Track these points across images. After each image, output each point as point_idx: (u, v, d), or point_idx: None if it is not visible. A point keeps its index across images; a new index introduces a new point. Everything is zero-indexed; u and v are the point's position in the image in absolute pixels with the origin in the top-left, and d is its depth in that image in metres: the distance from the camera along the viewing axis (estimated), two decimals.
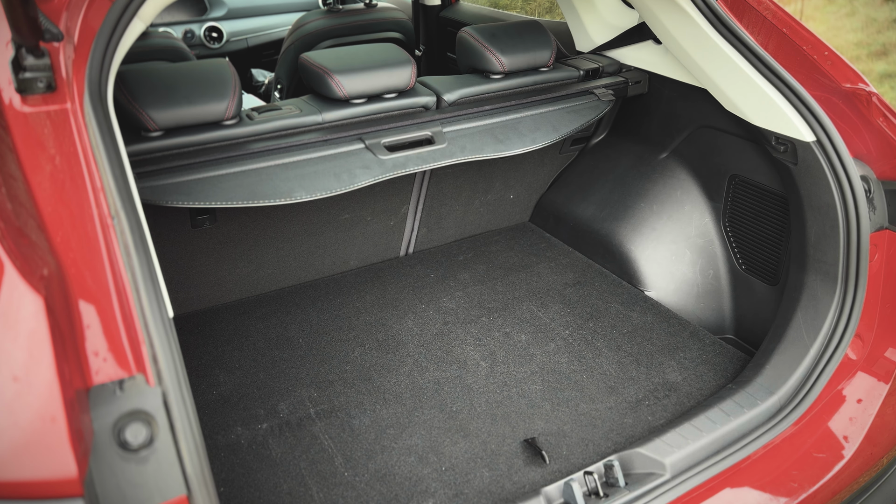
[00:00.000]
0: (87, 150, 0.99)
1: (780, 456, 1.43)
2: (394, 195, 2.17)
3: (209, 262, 2.01)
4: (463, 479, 1.48)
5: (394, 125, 1.88)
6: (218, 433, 1.62)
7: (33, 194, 0.94)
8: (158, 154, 1.60)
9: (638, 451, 1.39)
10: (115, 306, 0.90)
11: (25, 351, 0.76)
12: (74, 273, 0.90)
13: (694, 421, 1.48)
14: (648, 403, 1.70)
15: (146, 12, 1.19)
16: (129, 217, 0.96)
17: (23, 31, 0.90)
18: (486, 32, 2.07)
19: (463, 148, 1.89)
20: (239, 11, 3.74)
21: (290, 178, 1.68)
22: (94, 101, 1.02)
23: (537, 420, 1.65)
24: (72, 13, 1.11)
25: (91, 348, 0.87)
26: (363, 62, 1.88)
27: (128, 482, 0.82)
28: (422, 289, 2.20)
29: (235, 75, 1.68)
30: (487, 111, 2.00)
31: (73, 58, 1.05)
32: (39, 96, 1.01)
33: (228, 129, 1.67)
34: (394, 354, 1.89)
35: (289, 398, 1.73)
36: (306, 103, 1.87)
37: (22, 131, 0.98)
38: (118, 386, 0.85)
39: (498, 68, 2.03)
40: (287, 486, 1.47)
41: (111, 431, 0.83)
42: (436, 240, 2.45)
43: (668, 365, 1.83)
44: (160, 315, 0.92)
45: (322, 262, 2.24)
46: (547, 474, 1.50)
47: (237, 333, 2.00)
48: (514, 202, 2.54)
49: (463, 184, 2.31)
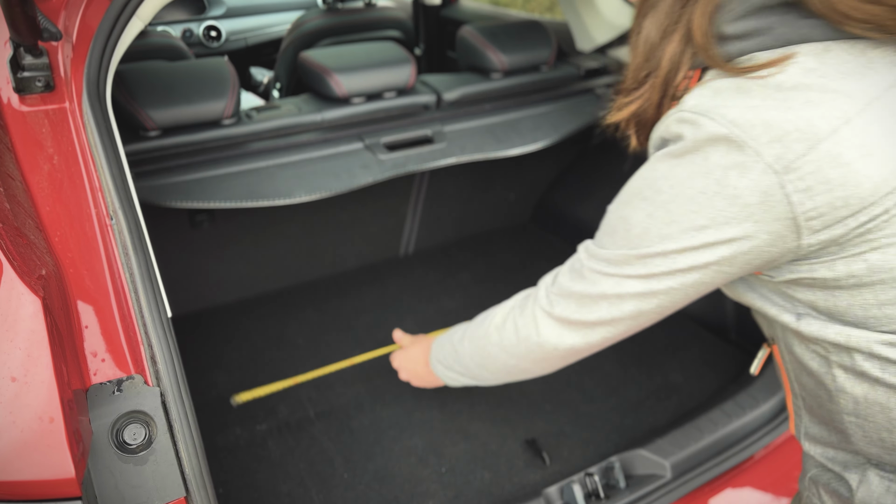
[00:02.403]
0: (85, 150, 0.98)
1: (783, 457, 1.42)
2: (393, 195, 2.17)
3: (208, 262, 2.00)
4: (463, 480, 1.48)
5: (393, 124, 1.87)
6: (217, 434, 1.62)
7: (31, 194, 0.94)
8: (157, 153, 1.59)
9: (639, 452, 1.39)
10: (114, 306, 0.89)
11: (23, 351, 0.76)
12: (73, 273, 0.89)
13: (695, 422, 1.47)
14: (649, 404, 1.69)
15: (145, 11, 1.19)
16: (128, 217, 0.95)
17: (21, 30, 0.90)
18: (486, 31, 2.06)
19: (463, 147, 1.89)
20: (238, 10, 3.73)
21: (289, 177, 1.68)
22: (92, 100, 1.02)
23: (538, 421, 1.64)
24: (70, 12, 1.11)
25: (89, 349, 0.86)
26: (363, 61, 1.87)
27: (126, 483, 0.82)
28: (421, 289, 2.19)
29: (234, 74, 1.67)
30: (488, 110, 1.99)
31: (71, 57, 1.05)
32: (38, 95, 1.01)
33: (227, 129, 1.67)
34: None
35: (288, 399, 1.73)
36: (305, 102, 1.86)
37: (20, 130, 0.98)
38: (116, 386, 0.85)
39: (498, 67, 2.02)
40: (286, 488, 1.47)
41: (109, 432, 0.82)
42: (436, 240, 2.44)
43: (670, 366, 1.83)
44: (159, 315, 0.92)
45: (321, 262, 2.23)
46: (547, 475, 1.49)
47: (236, 334, 1.99)
48: (514, 202, 2.53)
49: (463, 183, 2.30)
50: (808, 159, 0.67)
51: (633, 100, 0.86)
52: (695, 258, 0.78)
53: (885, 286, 0.72)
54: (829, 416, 0.85)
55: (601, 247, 0.88)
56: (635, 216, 0.81)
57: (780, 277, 0.80)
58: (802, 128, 0.67)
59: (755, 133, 0.69)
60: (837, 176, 0.67)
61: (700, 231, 0.75)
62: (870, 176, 0.67)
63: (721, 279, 0.81)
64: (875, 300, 0.73)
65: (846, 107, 0.67)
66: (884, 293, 0.72)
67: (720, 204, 0.73)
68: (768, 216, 0.71)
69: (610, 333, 0.93)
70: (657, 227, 0.79)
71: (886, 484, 0.81)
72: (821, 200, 0.69)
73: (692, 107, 0.74)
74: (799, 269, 0.77)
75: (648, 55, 0.82)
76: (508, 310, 1.09)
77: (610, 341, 0.95)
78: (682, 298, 0.84)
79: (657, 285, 0.82)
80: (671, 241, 0.78)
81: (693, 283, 0.81)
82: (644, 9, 0.83)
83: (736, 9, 0.73)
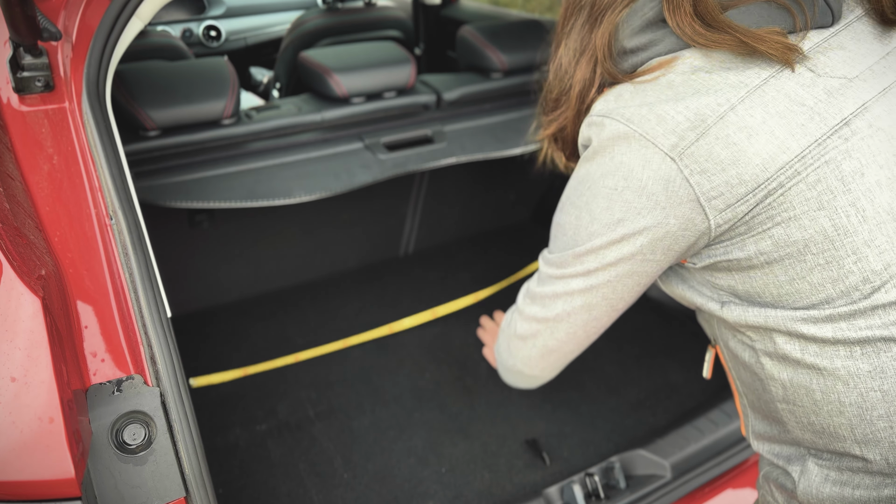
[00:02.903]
0: (84, 150, 0.98)
1: None
2: (393, 195, 2.17)
3: (207, 262, 2.00)
4: (463, 480, 1.48)
5: (393, 124, 1.87)
6: (216, 434, 1.62)
7: (31, 194, 0.93)
8: (156, 153, 1.59)
9: (639, 452, 1.39)
10: (113, 306, 0.89)
11: (23, 351, 0.76)
12: (72, 273, 0.89)
13: (695, 422, 1.47)
14: (650, 404, 1.69)
15: (144, 11, 1.18)
16: (127, 217, 0.95)
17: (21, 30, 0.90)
18: (486, 31, 2.06)
19: (463, 147, 1.89)
20: (238, 10, 3.73)
21: (289, 177, 1.68)
22: (92, 100, 1.02)
23: (538, 421, 1.64)
24: (70, 12, 1.10)
25: (89, 349, 0.86)
26: (363, 61, 1.87)
27: (126, 483, 0.82)
28: (421, 289, 2.19)
29: (234, 74, 1.67)
30: (488, 110, 1.99)
31: (71, 57, 1.05)
32: (37, 95, 1.01)
33: (227, 129, 1.67)
34: (393, 355, 1.89)
35: (288, 399, 1.73)
36: (305, 102, 1.86)
37: (20, 131, 0.98)
38: (116, 386, 0.85)
39: (498, 67, 2.02)
40: (286, 488, 1.47)
41: (109, 432, 0.82)
42: (436, 240, 2.44)
43: (670, 366, 1.83)
44: (158, 315, 0.91)
45: (321, 262, 2.23)
46: (547, 476, 1.49)
47: (236, 334, 1.99)
48: (514, 202, 2.53)
49: (463, 183, 2.30)
50: (699, 144, 0.75)
51: (553, 119, 0.97)
52: (619, 250, 0.86)
53: (793, 260, 0.77)
54: (767, 407, 0.90)
55: (550, 252, 0.98)
56: (567, 220, 0.91)
57: (700, 263, 0.87)
58: (692, 118, 0.75)
59: (651, 126, 0.77)
60: (728, 156, 0.75)
61: (618, 224, 0.84)
62: (758, 153, 0.74)
63: (652, 268, 0.88)
64: (785, 276, 0.79)
65: (730, 95, 0.75)
66: (792, 268, 0.78)
67: (630, 196, 0.81)
68: (673, 201, 0.79)
69: (571, 328, 1.00)
70: (584, 227, 0.88)
71: (825, 472, 0.84)
72: (717, 180, 0.76)
73: (597, 111, 0.83)
74: (715, 253, 0.84)
75: (563, 80, 0.93)
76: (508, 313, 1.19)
77: (576, 336, 1.03)
78: (624, 290, 0.92)
79: (595, 280, 0.91)
80: (597, 238, 0.87)
81: (627, 274, 0.89)
82: (559, 39, 0.94)
83: (633, 24, 0.83)
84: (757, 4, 0.77)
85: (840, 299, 0.77)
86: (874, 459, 0.80)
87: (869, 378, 0.77)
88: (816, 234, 0.76)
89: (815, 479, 0.85)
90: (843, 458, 0.83)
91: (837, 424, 0.81)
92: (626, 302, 0.95)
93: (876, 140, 0.76)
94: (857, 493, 0.82)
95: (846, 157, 0.75)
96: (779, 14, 0.77)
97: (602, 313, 0.97)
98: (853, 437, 0.81)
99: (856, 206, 0.75)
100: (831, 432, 0.82)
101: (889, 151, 0.76)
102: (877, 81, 0.78)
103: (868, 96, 0.77)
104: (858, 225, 0.75)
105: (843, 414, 0.80)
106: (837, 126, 0.75)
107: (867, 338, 0.76)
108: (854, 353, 0.77)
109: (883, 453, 0.79)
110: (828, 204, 0.75)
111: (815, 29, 0.79)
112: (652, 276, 0.91)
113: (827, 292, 0.77)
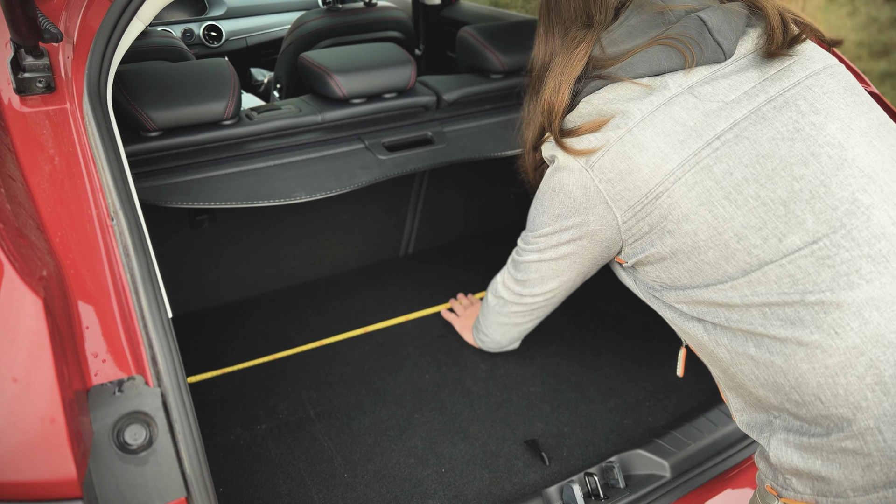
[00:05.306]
0: (86, 151, 0.98)
1: None
2: (394, 195, 2.17)
3: (208, 263, 2.01)
4: (463, 480, 1.48)
5: (393, 125, 1.87)
6: (217, 434, 1.62)
7: (32, 195, 0.94)
8: (157, 154, 1.60)
9: (638, 452, 1.39)
10: (115, 307, 0.90)
11: (24, 352, 0.76)
12: (73, 274, 0.89)
13: (695, 422, 1.48)
14: (649, 405, 1.70)
15: (145, 12, 1.19)
16: (129, 217, 0.96)
17: (22, 32, 0.90)
18: (486, 32, 2.06)
19: (463, 148, 1.89)
20: (238, 10, 3.73)
21: (290, 178, 1.68)
22: (93, 101, 1.02)
23: (537, 421, 1.65)
24: (71, 13, 1.11)
25: (90, 349, 0.86)
26: (363, 62, 1.88)
27: (127, 483, 0.82)
28: (422, 290, 2.20)
29: (234, 75, 1.67)
30: (487, 111, 2.00)
31: (72, 58, 1.05)
32: (38, 97, 1.01)
33: (227, 129, 1.67)
34: (393, 356, 1.89)
35: (288, 399, 1.73)
36: (306, 103, 1.86)
37: (21, 132, 0.98)
38: (117, 387, 0.85)
39: (498, 68, 2.03)
40: (286, 487, 1.47)
41: (110, 433, 0.82)
42: (436, 240, 2.44)
43: (669, 366, 1.83)
44: (159, 316, 0.92)
45: (322, 262, 2.23)
46: (547, 476, 1.50)
47: (236, 334, 1.99)
48: (514, 202, 2.53)
49: (463, 184, 2.31)
50: (606, 158, 1.00)
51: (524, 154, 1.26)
52: (561, 237, 1.17)
53: (690, 248, 0.97)
54: (731, 379, 1.03)
55: (525, 232, 1.29)
56: (532, 212, 1.23)
57: (630, 262, 1.10)
58: (601, 139, 1.00)
59: (575, 150, 1.04)
60: (625, 167, 0.99)
61: (557, 218, 1.14)
62: (647, 164, 0.97)
63: (585, 252, 1.16)
64: (689, 262, 0.98)
65: (629, 120, 0.98)
66: (694, 255, 0.97)
67: (562, 199, 1.10)
68: (590, 203, 1.05)
69: (540, 288, 1.35)
70: (539, 217, 1.19)
71: (788, 437, 0.94)
72: (620, 186, 1.00)
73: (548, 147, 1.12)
74: (635, 252, 1.06)
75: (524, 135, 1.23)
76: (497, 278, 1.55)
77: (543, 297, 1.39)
78: (580, 263, 1.21)
79: (552, 254, 1.23)
80: (546, 226, 1.18)
81: (575, 253, 1.18)
82: (531, 93, 1.21)
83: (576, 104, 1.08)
84: (656, 48, 0.99)
85: (737, 272, 0.94)
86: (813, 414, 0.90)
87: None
88: (702, 224, 0.95)
89: (781, 446, 0.95)
90: (794, 417, 0.93)
91: (776, 376, 0.93)
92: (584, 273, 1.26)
93: (741, 146, 0.95)
94: (810, 451, 0.91)
95: (716, 161, 0.94)
96: (673, 54, 0.98)
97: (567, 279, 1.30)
98: (790, 387, 0.91)
99: (729, 199, 0.93)
100: (777, 387, 0.94)
101: (753, 153, 0.94)
102: (749, 102, 0.97)
103: (740, 115, 0.96)
104: (734, 212, 0.93)
105: (776, 366, 0.92)
106: (711, 140, 0.95)
107: (768, 302, 0.91)
108: (766, 313, 0.92)
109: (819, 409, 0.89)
110: (706, 200, 0.94)
111: (706, 64, 0.99)
112: (589, 259, 1.18)
113: (723, 269, 0.95)
